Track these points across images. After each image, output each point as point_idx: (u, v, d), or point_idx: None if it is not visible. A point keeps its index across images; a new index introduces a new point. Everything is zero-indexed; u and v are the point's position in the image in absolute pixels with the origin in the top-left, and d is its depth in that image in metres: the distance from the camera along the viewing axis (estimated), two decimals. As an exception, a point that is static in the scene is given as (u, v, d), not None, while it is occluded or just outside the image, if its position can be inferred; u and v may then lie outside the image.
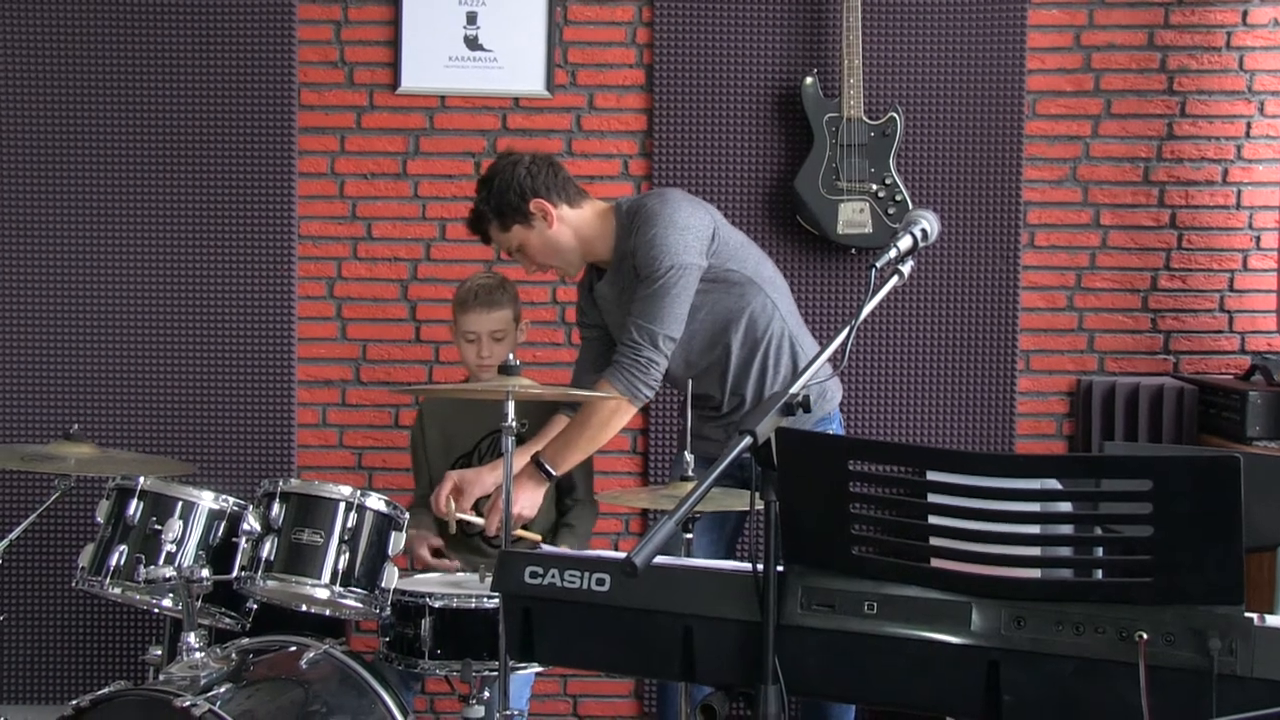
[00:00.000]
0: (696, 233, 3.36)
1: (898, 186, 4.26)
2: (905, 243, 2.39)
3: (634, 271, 3.38)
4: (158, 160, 4.44)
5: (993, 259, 4.43)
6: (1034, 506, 1.98)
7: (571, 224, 3.47)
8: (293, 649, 3.21)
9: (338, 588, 3.07)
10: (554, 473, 3.42)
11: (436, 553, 3.60)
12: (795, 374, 3.49)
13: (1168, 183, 4.47)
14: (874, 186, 4.26)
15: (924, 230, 2.43)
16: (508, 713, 3.03)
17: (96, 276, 4.46)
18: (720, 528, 3.62)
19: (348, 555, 3.09)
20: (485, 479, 3.46)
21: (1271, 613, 2.07)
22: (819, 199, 4.28)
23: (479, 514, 3.49)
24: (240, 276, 4.46)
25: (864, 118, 4.27)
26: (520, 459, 3.44)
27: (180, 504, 3.15)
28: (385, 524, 3.18)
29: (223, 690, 2.86)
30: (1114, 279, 4.50)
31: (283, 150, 4.45)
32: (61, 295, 4.46)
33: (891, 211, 4.24)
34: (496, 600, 3.07)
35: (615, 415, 3.39)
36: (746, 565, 2.06)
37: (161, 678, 2.97)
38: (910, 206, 4.23)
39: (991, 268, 4.43)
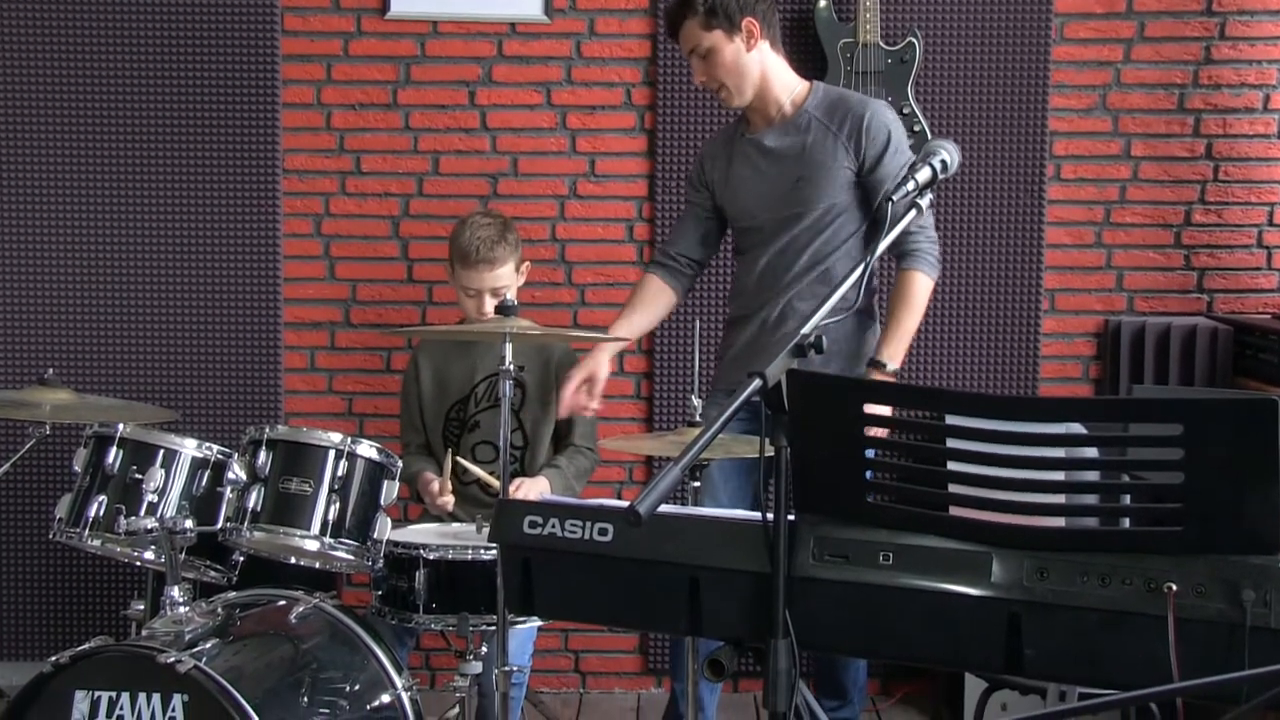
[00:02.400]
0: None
1: (916, 116, 4.24)
2: (924, 175, 2.39)
3: (861, 165, 3.51)
4: (131, 92, 4.41)
5: (1016, 192, 4.41)
6: (1058, 452, 1.98)
7: (765, 60, 3.58)
8: (281, 603, 3.23)
9: (328, 539, 3.09)
10: (895, 365, 3.50)
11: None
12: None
13: (1204, 110, 4.44)
14: (891, 116, 4.23)
15: (944, 161, 2.42)
16: (507, 668, 3.05)
17: (70, 214, 4.44)
18: (747, 474, 3.61)
19: (338, 505, 3.10)
20: (600, 359, 3.58)
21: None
22: (833, 129, 4.24)
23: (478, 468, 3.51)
24: (222, 213, 4.44)
25: (881, 43, 4.23)
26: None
27: (162, 452, 3.16)
28: (377, 472, 3.19)
29: (209, 646, 2.88)
30: (1145, 213, 4.48)
31: (265, 79, 4.43)
32: (34, 233, 4.45)
33: (909, 142, 4.21)
34: (494, 551, 3.08)
35: (927, 290, 3.56)
36: (755, 514, 2.06)
37: (144, 633, 2.99)
38: (929, 136, 4.21)
39: (1015, 202, 4.41)
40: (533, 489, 3.53)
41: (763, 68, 3.56)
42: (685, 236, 3.77)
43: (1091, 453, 2.00)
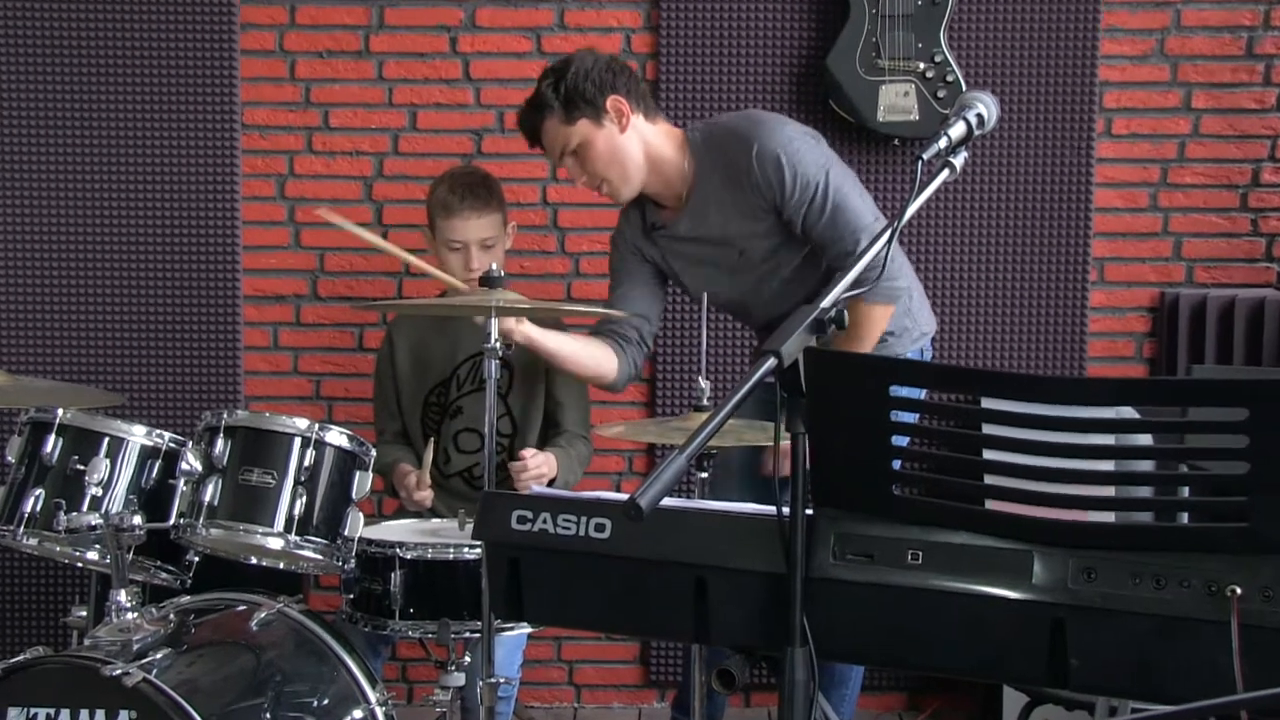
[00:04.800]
0: (812, 135, 3.49)
1: (949, 65, 4.23)
2: (957, 130, 2.38)
3: (777, 208, 3.42)
4: (72, 38, 4.40)
5: (1062, 150, 4.41)
6: (1108, 439, 1.98)
7: (644, 137, 3.52)
8: (241, 608, 3.24)
9: (293, 536, 3.09)
10: None
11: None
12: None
13: (1276, 56, 4.43)
14: (921, 65, 4.22)
15: (979, 116, 2.42)
16: (493, 680, 3.06)
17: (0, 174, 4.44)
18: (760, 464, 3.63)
19: (304, 499, 3.10)
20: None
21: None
22: (856, 80, 4.24)
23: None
24: (173, 173, 4.44)
25: (911, -18, 4.24)
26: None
27: (106, 440, 3.16)
28: (348, 463, 3.19)
29: (159, 656, 2.88)
30: (1207, 173, 4.47)
31: (221, 24, 4.42)
32: (-36, 196, 4.46)
33: (941, 94, 4.21)
34: (478, 550, 3.09)
35: (883, 321, 3.47)
36: (770, 508, 2.06)
37: (87, 642, 2.99)
38: (964, 88, 4.20)
39: (1060, 161, 4.41)
40: (545, 463, 3.53)
41: (645, 147, 3.51)
42: (630, 298, 3.67)
43: (1145, 440, 2.00)
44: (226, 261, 4.47)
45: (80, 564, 3.30)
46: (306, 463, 3.12)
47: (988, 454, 2.02)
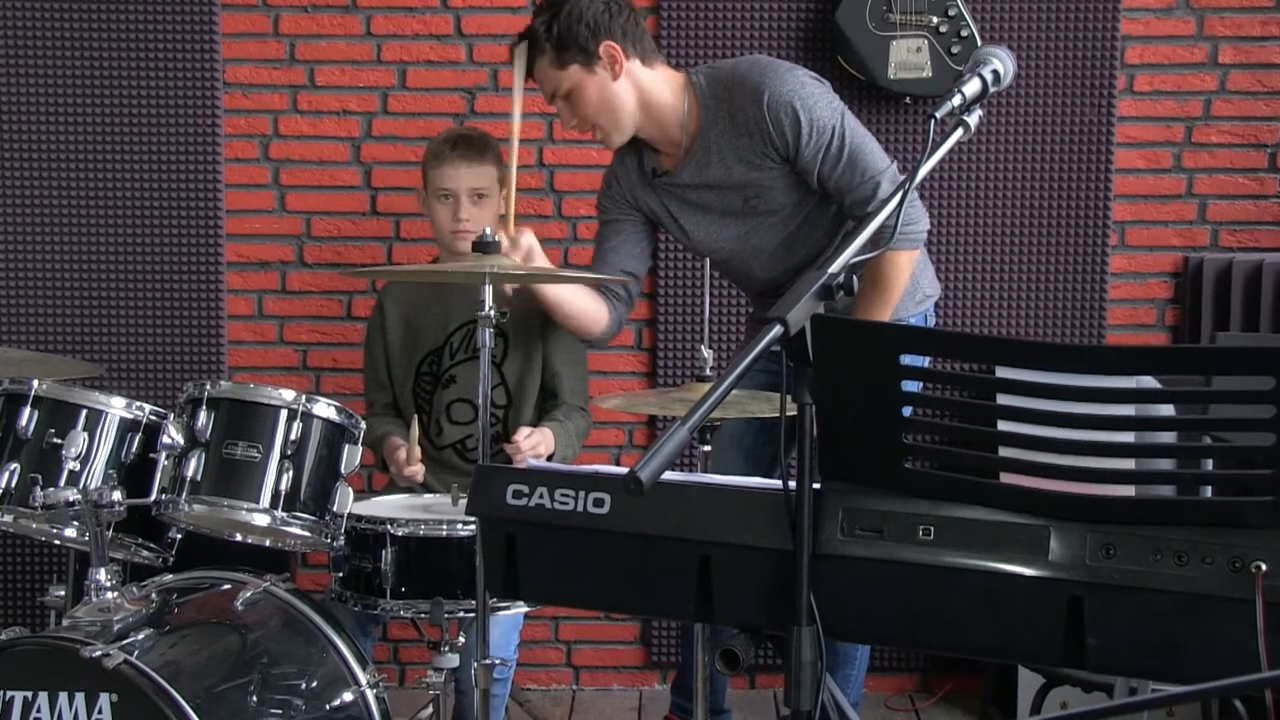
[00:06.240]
0: (820, 80, 3.48)
1: (963, 19, 4.21)
2: (972, 88, 2.38)
3: (788, 157, 3.42)
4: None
5: (1081, 108, 4.39)
6: (1128, 410, 1.98)
7: (639, 83, 3.50)
8: (226, 587, 3.24)
9: (280, 513, 3.09)
10: None
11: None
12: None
13: (1305, 10, 4.42)
14: (934, 20, 4.21)
15: (995, 73, 2.43)
16: (488, 662, 3.07)
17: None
18: (766, 434, 3.63)
19: (291, 474, 3.11)
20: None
21: None
22: (866, 36, 4.23)
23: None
24: (152, 135, 4.43)
25: (923, -69, 4.22)
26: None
27: (85, 412, 3.16)
28: (337, 436, 3.19)
29: (141, 637, 2.89)
30: (1234, 132, 4.46)
31: (202, -24, 4.41)
32: (-66, 158, 4.45)
33: (955, 50, 4.20)
34: (472, 526, 3.09)
35: (909, 266, 3.46)
36: (775, 482, 2.06)
37: (65, 623, 3.00)
38: (978, 44, 4.19)
39: (1079, 119, 4.40)
40: (541, 441, 3.53)
41: (639, 94, 3.50)
42: (620, 253, 3.68)
43: (1167, 411, 2.00)
44: (209, 226, 4.46)
45: (58, 542, 3.30)
46: (293, 436, 3.13)
47: (1003, 425, 2.02)
